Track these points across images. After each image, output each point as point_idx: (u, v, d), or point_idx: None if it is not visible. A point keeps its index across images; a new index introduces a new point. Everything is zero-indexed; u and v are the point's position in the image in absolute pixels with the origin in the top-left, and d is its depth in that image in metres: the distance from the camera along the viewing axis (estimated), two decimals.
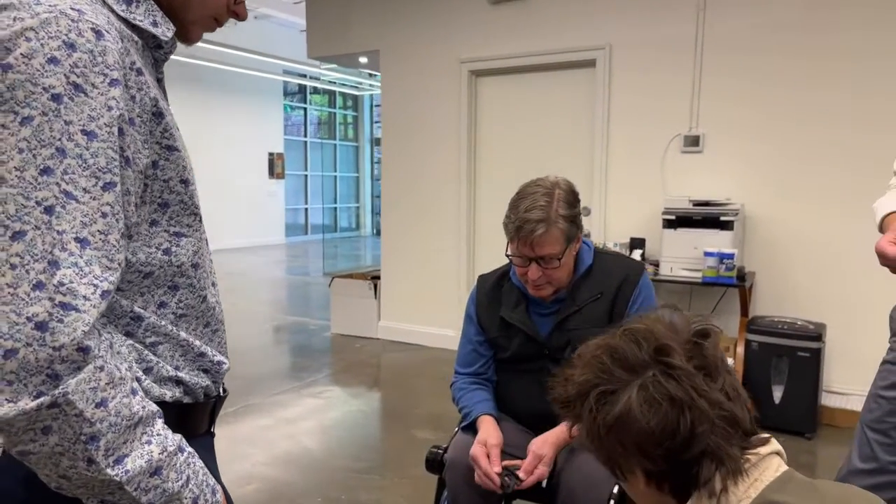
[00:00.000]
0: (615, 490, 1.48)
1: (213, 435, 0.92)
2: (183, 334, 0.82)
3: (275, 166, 12.50)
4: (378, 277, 5.15)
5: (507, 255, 1.61)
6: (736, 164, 3.73)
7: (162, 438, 0.72)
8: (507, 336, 1.71)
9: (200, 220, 0.83)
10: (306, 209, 13.98)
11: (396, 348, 4.86)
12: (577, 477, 1.51)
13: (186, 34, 0.86)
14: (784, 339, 3.24)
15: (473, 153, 4.66)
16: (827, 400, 3.39)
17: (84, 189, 0.66)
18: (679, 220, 3.55)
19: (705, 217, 3.48)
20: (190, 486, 0.74)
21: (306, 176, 13.92)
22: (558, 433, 1.54)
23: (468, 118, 4.60)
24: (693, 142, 3.83)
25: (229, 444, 3.11)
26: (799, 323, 3.30)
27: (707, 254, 3.37)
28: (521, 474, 1.48)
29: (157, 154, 0.76)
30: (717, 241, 3.41)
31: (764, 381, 3.27)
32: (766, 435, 0.85)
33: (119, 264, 0.69)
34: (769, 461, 0.82)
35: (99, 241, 0.66)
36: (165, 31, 0.80)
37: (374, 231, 14.95)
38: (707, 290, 3.66)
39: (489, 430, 1.57)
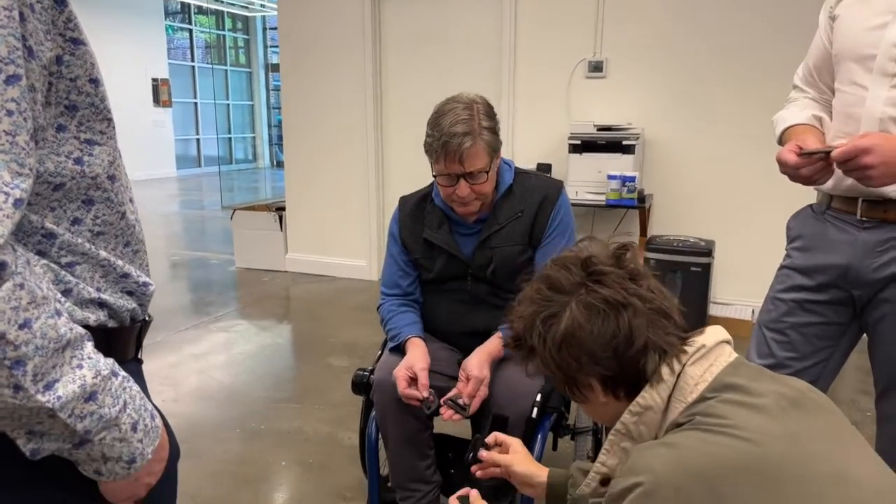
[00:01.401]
0: (538, 398, 1.55)
1: (140, 361, 0.86)
2: (103, 253, 0.75)
3: (160, 93, 11.62)
4: (283, 209, 4.99)
5: (434, 176, 1.59)
6: (637, 89, 3.84)
7: (94, 362, 0.66)
8: (431, 257, 1.71)
9: (114, 128, 0.75)
10: (198, 140, 13.19)
11: (306, 280, 4.78)
12: (501, 390, 1.56)
13: None
14: (678, 255, 3.46)
15: (379, 78, 4.52)
16: (713, 310, 3.69)
17: None
18: (584, 145, 3.64)
19: (609, 141, 3.60)
20: (128, 410, 0.69)
21: (196, 104, 13.05)
22: (488, 350, 1.58)
23: (372, 42, 4.43)
24: (597, 67, 3.90)
25: None
26: (691, 240, 3.53)
27: (610, 177, 3.50)
28: (465, 401, 1.50)
29: (62, 48, 0.67)
30: (619, 164, 3.54)
31: None
32: (704, 328, 0.92)
33: (30, 170, 0.61)
34: (722, 349, 0.89)
35: (6, 143, 0.58)
36: None
37: (273, 163, 14.39)
38: (609, 212, 3.83)
39: (416, 354, 1.59)
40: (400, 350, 1.66)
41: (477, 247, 1.66)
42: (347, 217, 4.76)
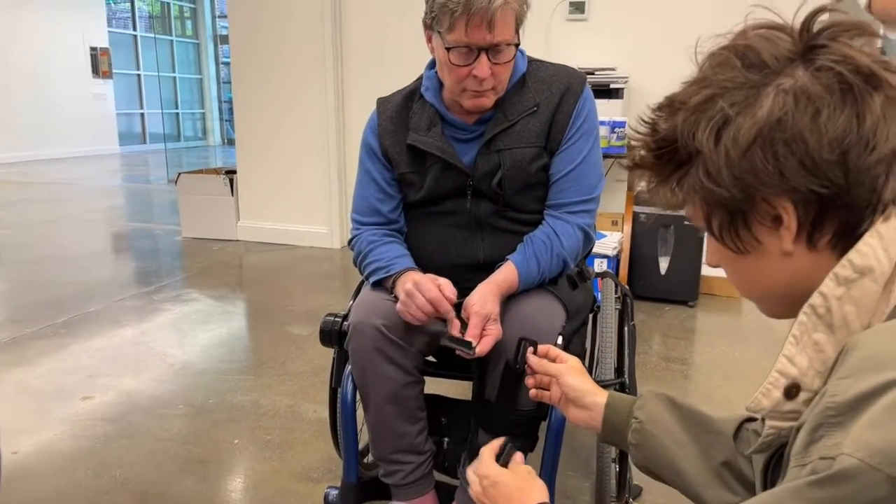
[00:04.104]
0: (558, 341, 1.23)
1: None
2: None
3: (99, 63, 10.82)
4: (233, 172, 4.54)
5: (448, 48, 1.22)
6: (622, 32, 3.54)
7: None
8: (419, 171, 1.35)
9: None
10: (142, 114, 12.41)
11: (261, 249, 4.36)
12: (512, 330, 1.21)
13: None
14: (669, 209, 3.19)
15: (339, 36, 4.10)
16: (707, 271, 3.44)
17: None
18: None
19: (595, 86, 3.28)
20: None
21: (139, 76, 12.26)
22: (495, 281, 1.23)
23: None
24: (578, 8, 3.58)
25: (62, 358, 2.55)
26: None
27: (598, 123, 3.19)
28: (470, 340, 1.15)
29: None
30: (607, 110, 3.23)
31: (651, 254, 3.24)
32: None
33: None
34: None
35: None
36: None
37: (224, 140, 13.70)
38: None
39: (429, 276, 1.25)
40: (385, 287, 1.30)
41: (480, 151, 1.30)
42: (305, 180, 4.34)
